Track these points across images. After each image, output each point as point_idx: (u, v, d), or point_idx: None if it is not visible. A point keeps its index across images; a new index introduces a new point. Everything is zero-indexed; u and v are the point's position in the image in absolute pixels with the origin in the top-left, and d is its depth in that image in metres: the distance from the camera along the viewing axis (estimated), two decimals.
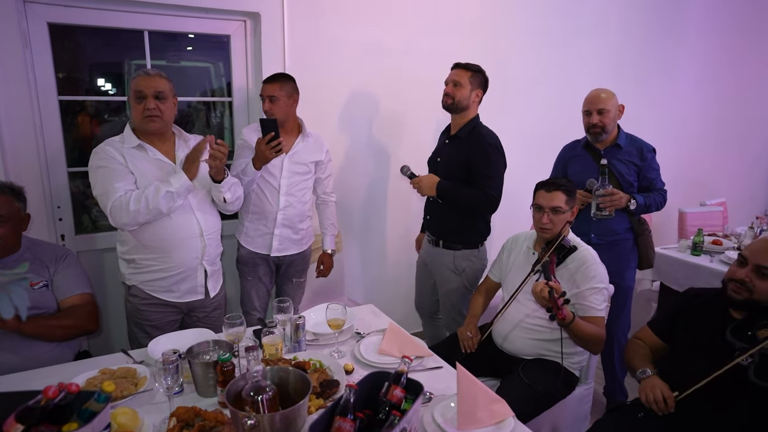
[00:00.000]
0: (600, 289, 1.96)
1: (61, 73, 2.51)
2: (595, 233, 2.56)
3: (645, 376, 1.74)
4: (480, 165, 2.37)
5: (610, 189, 2.41)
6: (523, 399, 1.82)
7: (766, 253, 1.63)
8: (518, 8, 3.41)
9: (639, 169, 2.56)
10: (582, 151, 2.66)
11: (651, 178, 2.58)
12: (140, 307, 2.09)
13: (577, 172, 2.63)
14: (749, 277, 1.64)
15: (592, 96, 2.56)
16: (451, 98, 2.42)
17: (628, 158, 2.55)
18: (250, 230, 2.53)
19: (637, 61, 3.97)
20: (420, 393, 1.30)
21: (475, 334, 2.17)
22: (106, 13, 2.46)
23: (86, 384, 1.54)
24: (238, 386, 1.32)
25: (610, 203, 2.41)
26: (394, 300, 3.33)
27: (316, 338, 1.93)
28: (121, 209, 1.89)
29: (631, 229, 2.61)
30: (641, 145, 2.58)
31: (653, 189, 2.58)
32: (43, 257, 1.98)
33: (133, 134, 1.99)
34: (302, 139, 2.49)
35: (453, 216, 2.50)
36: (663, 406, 1.63)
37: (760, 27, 4.57)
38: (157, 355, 1.60)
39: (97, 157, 1.96)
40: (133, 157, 1.97)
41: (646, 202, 2.51)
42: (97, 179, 1.94)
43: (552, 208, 2.01)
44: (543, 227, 2.04)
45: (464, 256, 2.53)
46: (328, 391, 1.52)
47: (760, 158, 5.00)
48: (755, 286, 1.62)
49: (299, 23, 2.80)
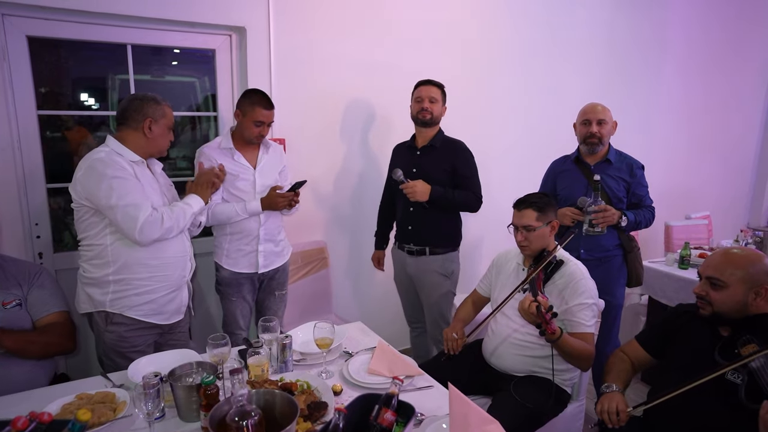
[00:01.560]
0: (589, 304, 1.94)
1: (43, 88, 2.47)
2: (584, 248, 2.56)
3: (608, 390, 1.76)
4: (464, 169, 2.57)
5: (602, 205, 2.40)
6: (515, 417, 1.79)
7: (714, 264, 1.66)
8: (506, 24, 3.45)
9: (628, 185, 2.56)
10: (572, 165, 2.66)
11: (640, 194, 2.58)
12: (125, 335, 1.97)
13: (566, 187, 2.64)
14: (704, 290, 1.66)
15: (590, 107, 2.57)
16: (429, 113, 2.56)
17: (618, 174, 2.55)
18: (232, 251, 2.46)
19: (619, 74, 4.03)
20: (412, 416, 1.27)
21: (460, 336, 2.15)
22: (87, 26, 2.42)
23: (62, 410, 1.47)
24: (222, 411, 1.26)
25: (603, 219, 2.40)
26: (382, 316, 3.29)
27: (304, 358, 1.88)
28: (154, 224, 1.87)
29: (620, 245, 2.60)
30: (631, 162, 2.59)
31: (642, 206, 2.58)
32: (15, 275, 1.91)
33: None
34: (265, 150, 2.48)
35: (439, 221, 2.59)
36: (615, 418, 1.66)
37: (742, 39, 4.68)
38: (138, 378, 1.54)
39: (107, 166, 1.83)
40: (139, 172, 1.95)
41: (637, 219, 2.51)
42: (115, 189, 1.82)
43: (524, 227, 2.02)
44: (520, 244, 2.06)
45: (451, 259, 2.67)
46: (316, 414, 1.47)
47: (741, 171, 5.09)
48: (711, 298, 1.64)
49: (285, 37, 2.79)
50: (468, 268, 3.21)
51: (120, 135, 1.94)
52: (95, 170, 1.82)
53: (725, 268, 1.63)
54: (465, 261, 2.93)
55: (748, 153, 5.08)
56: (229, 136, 2.42)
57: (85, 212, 1.89)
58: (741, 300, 1.60)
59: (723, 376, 1.53)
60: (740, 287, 1.60)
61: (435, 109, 2.56)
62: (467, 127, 3.03)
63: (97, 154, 1.87)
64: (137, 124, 1.92)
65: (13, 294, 1.87)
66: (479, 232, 3.46)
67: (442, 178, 2.55)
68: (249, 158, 2.42)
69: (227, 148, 2.38)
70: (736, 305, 1.60)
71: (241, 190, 2.40)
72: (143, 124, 1.92)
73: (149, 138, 1.95)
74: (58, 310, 1.94)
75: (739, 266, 1.62)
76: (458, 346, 2.12)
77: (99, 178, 1.82)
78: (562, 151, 2.81)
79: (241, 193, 2.40)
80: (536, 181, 2.88)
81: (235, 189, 2.39)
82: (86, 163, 1.86)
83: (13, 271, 1.91)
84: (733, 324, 1.63)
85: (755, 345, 1.51)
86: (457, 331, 2.16)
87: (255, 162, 2.44)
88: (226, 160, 2.36)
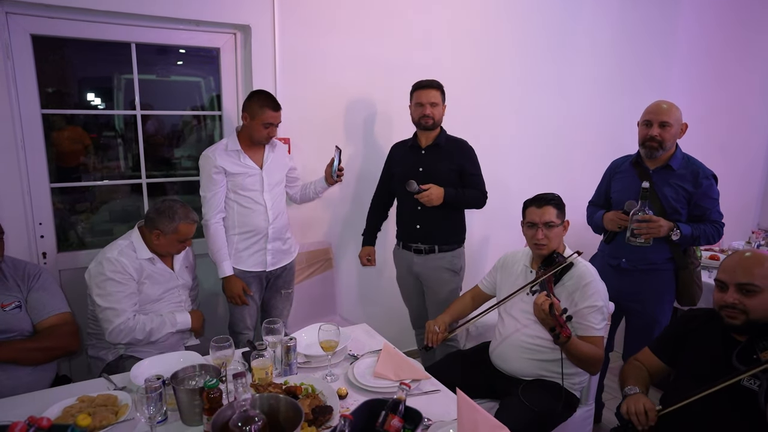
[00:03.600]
0: (599, 307, 1.90)
1: (50, 88, 2.46)
2: (626, 258, 2.37)
3: (631, 392, 1.69)
4: (471, 167, 2.60)
5: (649, 215, 2.18)
6: (523, 421, 1.76)
7: (741, 269, 1.55)
8: (510, 22, 3.41)
9: (690, 195, 2.28)
10: (629, 167, 2.42)
11: (705, 207, 2.28)
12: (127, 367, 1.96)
13: (618, 190, 2.43)
14: (737, 299, 1.54)
15: (654, 106, 2.31)
16: (431, 119, 2.53)
17: (679, 182, 2.28)
18: (240, 251, 2.46)
19: (629, 75, 3.97)
20: (420, 423, 1.24)
21: (442, 330, 2.12)
22: (91, 25, 2.40)
23: (63, 413, 1.45)
24: (225, 416, 1.24)
25: (647, 231, 2.18)
26: (387, 317, 3.26)
27: (308, 360, 1.86)
28: (124, 332, 2.02)
29: (671, 259, 2.34)
30: (698, 169, 2.30)
31: (707, 220, 2.29)
32: (14, 276, 1.88)
33: None
34: (271, 149, 2.48)
35: (446, 218, 2.60)
36: (644, 418, 1.57)
37: (749, 40, 4.61)
38: (140, 380, 1.52)
39: (111, 265, 2.01)
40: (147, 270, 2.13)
41: (693, 234, 2.22)
42: (106, 290, 2.01)
43: (545, 223, 1.97)
44: (538, 243, 1.99)
45: (458, 255, 2.68)
46: (321, 418, 1.45)
47: (750, 171, 5.02)
48: (746, 306, 1.52)
49: (290, 36, 2.76)
50: (472, 265, 3.16)
51: (142, 229, 2.14)
52: (101, 265, 2.02)
53: (755, 272, 1.52)
54: (470, 258, 2.90)
55: (758, 154, 5.02)
56: (235, 137, 2.41)
57: None
58: None
59: (739, 383, 1.49)
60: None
61: (436, 113, 2.54)
62: (471, 125, 3.00)
63: (112, 250, 2.05)
64: (150, 230, 2.10)
65: (12, 296, 1.84)
66: (484, 230, 3.43)
67: (449, 177, 2.55)
68: (255, 158, 2.43)
69: (234, 151, 2.38)
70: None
71: (249, 190, 2.40)
72: (153, 233, 2.10)
73: (156, 244, 2.12)
74: (60, 312, 1.93)
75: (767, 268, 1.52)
76: (438, 339, 2.10)
77: (98, 274, 2.02)
78: (569, 148, 2.77)
79: (250, 192, 2.40)
80: (542, 178, 2.85)
81: (243, 189, 2.40)
82: (102, 255, 2.05)
83: (11, 272, 1.89)
84: (750, 331, 1.56)
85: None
86: (440, 325, 2.13)
87: (261, 162, 2.44)
88: (233, 161, 2.37)
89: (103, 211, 2.77)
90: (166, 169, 2.87)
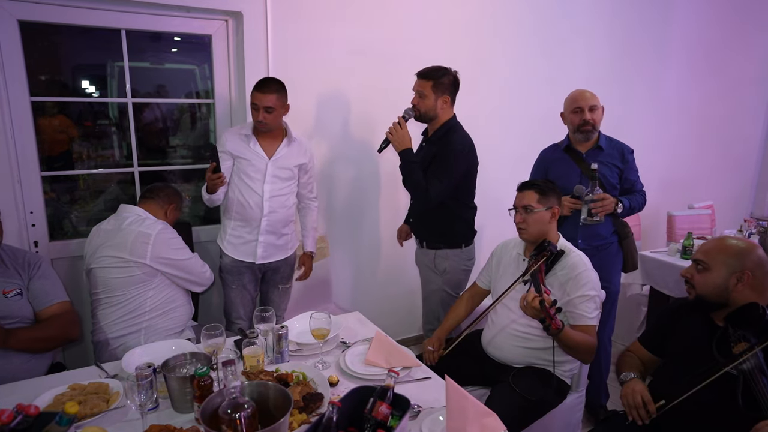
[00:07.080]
0: (592, 296, 1.91)
1: (43, 75, 2.44)
2: (582, 238, 2.51)
3: (627, 378, 1.72)
4: (437, 166, 2.34)
5: (601, 194, 2.34)
6: (514, 408, 1.78)
7: (704, 248, 1.68)
8: (505, 12, 3.38)
9: (620, 171, 2.51)
10: (563, 154, 2.58)
11: (632, 179, 2.54)
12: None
13: (559, 176, 2.50)
14: (689, 273, 1.68)
15: (579, 94, 2.48)
16: (417, 110, 2.39)
17: (610, 160, 2.49)
18: (233, 238, 2.46)
19: (622, 64, 3.95)
20: (407, 409, 1.24)
21: (437, 348, 2.12)
22: (80, 11, 2.36)
23: (54, 401, 1.46)
24: (215, 403, 1.24)
25: (602, 208, 2.34)
26: (381, 306, 3.27)
27: (300, 348, 1.86)
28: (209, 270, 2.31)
29: (615, 232, 2.57)
30: (621, 147, 2.53)
31: (634, 191, 2.54)
32: (15, 264, 1.89)
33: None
34: (287, 143, 2.44)
35: (432, 217, 2.46)
36: (644, 412, 1.59)
37: (742, 29, 4.59)
38: (131, 368, 1.52)
39: (170, 228, 2.17)
40: None
41: (631, 205, 2.47)
42: (180, 244, 2.18)
43: (523, 207, 1.99)
44: (518, 226, 2.03)
45: (445, 256, 2.49)
46: (311, 405, 1.46)
47: (744, 160, 5.02)
48: (695, 280, 1.65)
49: (283, 23, 2.73)
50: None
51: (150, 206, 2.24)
52: (165, 231, 2.15)
53: (712, 252, 1.64)
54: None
55: (752, 143, 5.02)
56: (251, 123, 2.41)
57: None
58: (721, 283, 1.59)
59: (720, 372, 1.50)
60: (722, 270, 1.59)
61: (423, 104, 2.36)
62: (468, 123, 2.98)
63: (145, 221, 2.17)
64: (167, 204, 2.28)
65: (13, 283, 1.85)
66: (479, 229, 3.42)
67: (427, 167, 2.37)
68: (267, 148, 2.40)
69: (245, 135, 2.38)
70: (716, 288, 1.60)
71: (250, 177, 2.39)
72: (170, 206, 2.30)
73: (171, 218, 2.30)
74: (61, 300, 1.94)
75: (725, 251, 1.61)
76: (435, 358, 2.10)
77: (168, 239, 2.15)
78: (559, 139, 2.75)
79: (251, 180, 2.39)
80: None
81: (245, 175, 2.39)
82: (146, 227, 2.13)
83: (12, 260, 1.90)
84: (723, 312, 1.61)
85: (746, 343, 1.49)
86: (434, 344, 2.13)
87: (272, 153, 2.41)
88: (242, 145, 2.37)
89: (96, 199, 2.76)
90: (162, 158, 2.86)
